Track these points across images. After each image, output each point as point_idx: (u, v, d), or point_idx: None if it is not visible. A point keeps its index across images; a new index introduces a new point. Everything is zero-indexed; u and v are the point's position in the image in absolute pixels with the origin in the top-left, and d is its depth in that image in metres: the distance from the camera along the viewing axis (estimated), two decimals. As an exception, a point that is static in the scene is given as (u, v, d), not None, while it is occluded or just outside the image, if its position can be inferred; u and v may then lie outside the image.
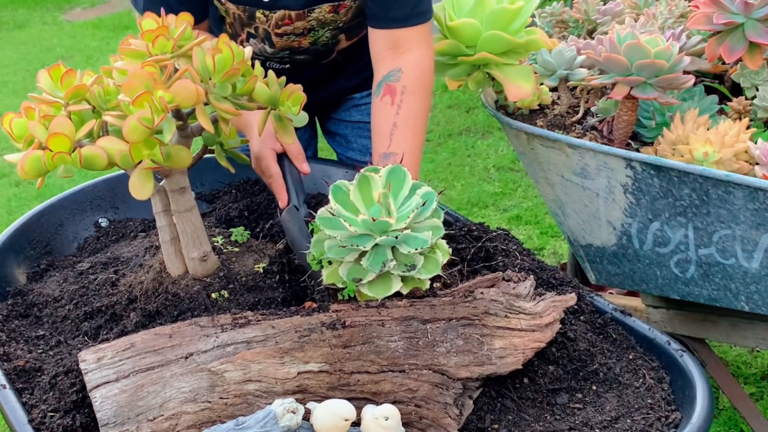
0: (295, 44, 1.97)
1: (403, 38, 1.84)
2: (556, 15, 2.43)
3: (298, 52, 2.01)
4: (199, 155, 1.56)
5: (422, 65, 1.85)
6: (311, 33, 1.95)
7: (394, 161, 1.70)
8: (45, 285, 1.71)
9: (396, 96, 1.81)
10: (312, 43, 1.98)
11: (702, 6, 1.90)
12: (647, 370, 1.49)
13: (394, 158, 1.74)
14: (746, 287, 1.77)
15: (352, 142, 2.28)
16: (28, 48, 7.54)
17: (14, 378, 1.41)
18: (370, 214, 1.40)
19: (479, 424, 1.35)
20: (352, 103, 2.26)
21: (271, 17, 1.89)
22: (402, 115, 1.80)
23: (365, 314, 1.37)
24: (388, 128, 1.80)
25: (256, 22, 1.93)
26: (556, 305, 1.45)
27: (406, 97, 1.81)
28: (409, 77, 1.82)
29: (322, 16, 1.93)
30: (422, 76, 1.84)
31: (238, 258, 1.58)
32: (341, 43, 2.04)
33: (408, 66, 1.83)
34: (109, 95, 1.41)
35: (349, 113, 2.27)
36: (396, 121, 1.80)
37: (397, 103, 1.81)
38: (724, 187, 1.68)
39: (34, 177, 1.31)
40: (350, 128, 2.28)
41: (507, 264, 1.62)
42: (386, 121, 1.81)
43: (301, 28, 1.94)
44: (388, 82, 1.83)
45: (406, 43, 1.85)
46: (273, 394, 1.27)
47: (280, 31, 1.93)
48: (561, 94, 2.06)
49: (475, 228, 1.70)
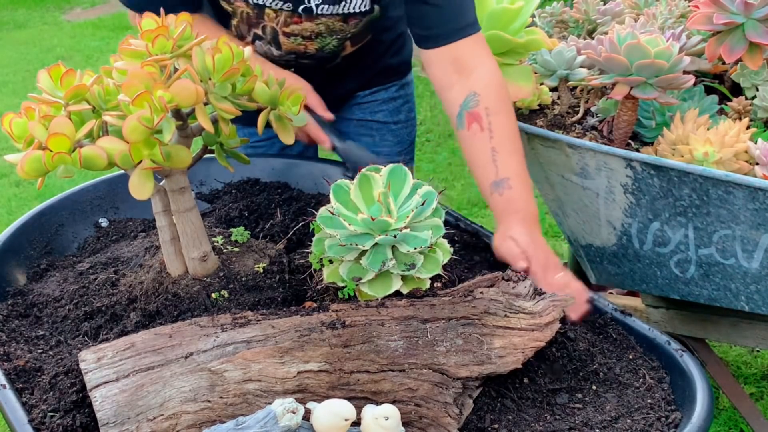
0: (301, 48, 1.96)
1: (463, 55, 1.77)
2: (556, 15, 2.44)
3: (303, 56, 2.00)
4: (199, 155, 1.56)
5: (494, 81, 1.76)
6: (319, 38, 1.94)
7: (508, 187, 1.66)
8: (45, 285, 1.71)
9: (483, 121, 1.72)
10: (318, 49, 1.98)
11: (702, 6, 1.90)
12: (647, 370, 1.49)
13: (507, 184, 1.67)
14: (746, 287, 1.77)
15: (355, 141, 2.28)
16: (28, 48, 7.54)
17: (14, 378, 1.41)
18: (370, 213, 1.40)
19: (479, 423, 1.35)
20: (354, 101, 2.26)
21: (280, 14, 1.88)
22: (497, 138, 1.71)
23: (365, 314, 1.37)
24: (488, 155, 1.70)
25: (265, 20, 1.91)
26: (555, 305, 1.45)
27: (494, 119, 1.72)
28: (488, 97, 1.73)
29: (332, 23, 1.92)
30: (499, 91, 1.75)
31: (238, 258, 1.58)
32: (346, 50, 2.04)
33: (481, 86, 1.74)
34: (109, 95, 1.41)
35: (352, 111, 2.27)
36: (494, 146, 1.70)
37: (487, 128, 1.71)
38: (724, 187, 1.69)
39: (34, 177, 1.31)
40: (353, 126, 2.28)
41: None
42: (484, 149, 1.71)
43: (309, 30, 1.92)
44: (469, 110, 1.73)
45: (468, 59, 1.76)
46: (273, 394, 1.27)
47: (289, 30, 1.92)
48: (561, 94, 2.07)
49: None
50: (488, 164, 1.70)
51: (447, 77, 1.78)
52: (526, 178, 1.71)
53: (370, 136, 2.29)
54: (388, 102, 2.29)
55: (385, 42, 2.18)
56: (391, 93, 2.29)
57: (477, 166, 1.73)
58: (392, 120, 2.30)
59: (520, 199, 1.68)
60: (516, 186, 1.68)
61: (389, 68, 2.25)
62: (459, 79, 1.76)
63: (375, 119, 2.29)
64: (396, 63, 2.26)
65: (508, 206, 1.68)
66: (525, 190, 1.69)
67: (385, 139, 2.30)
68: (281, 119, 1.54)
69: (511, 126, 1.74)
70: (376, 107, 2.28)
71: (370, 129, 2.29)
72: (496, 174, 1.69)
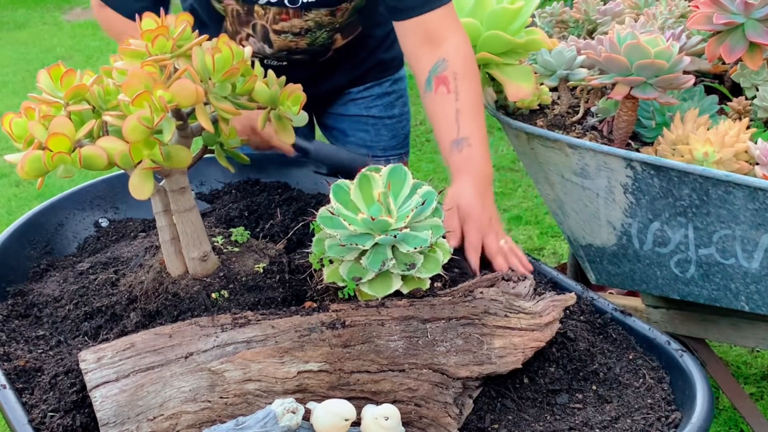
0: (292, 45, 1.99)
1: (433, 27, 1.81)
2: (556, 15, 2.44)
3: (295, 52, 2.02)
4: (199, 155, 1.56)
5: (463, 50, 1.81)
6: (309, 34, 1.96)
7: (468, 144, 1.70)
8: (45, 285, 1.71)
9: (450, 84, 1.77)
10: (309, 44, 1.99)
11: (702, 6, 1.90)
12: (647, 370, 1.49)
13: (467, 142, 1.72)
14: (746, 287, 1.77)
15: (350, 136, 2.30)
16: (28, 48, 7.54)
17: (14, 378, 1.41)
18: (370, 213, 1.40)
19: (479, 423, 1.35)
20: (349, 98, 2.28)
21: (269, 11, 1.90)
22: (462, 100, 1.77)
23: (365, 314, 1.37)
24: (452, 115, 1.76)
25: (255, 17, 1.93)
26: (555, 305, 1.45)
27: (461, 82, 1.77)
28: (456, 64, 1.79)
29: (320, 18, 1.94)
30: (467, 60, 1.81)
31: (238, 258, 1.58)
32: (337, 42, 2.06)
33: (450, 54, 1.79)
34: (109, 95, 1.41)
35: (347, 107, 2.29)
36: (458, 107, 1.76)
37: (454, 90, 1.77)
38: (724, 187, 1.68)
39: (34, 177, 1.31)
40: (347, 122, 2.30)
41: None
42: (448, 109, 1.77)
43: (299, 27, 1.94)
44: (437, 74, 1.79)
45: (438, 31, 1.81)
46: (273, 394, 1.27)
47: (278, 28, 1.94)
48: (561, 94, 2.06)
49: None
50: (451, 124, 1.75)
51: (418, 48, 1.82)
52: (485, 140, 1.76)
53: (366, 131, 2.32)
54: (382, 97, 2.31)
55: (376, 37, 2.20)
56: (384, 88, 2.31)
57: (440, 126, 1.78)
58: (387, 115, 2.32)
59: (477, 159, 1.73)
60: (475, 145, 1.73)
61: (382, 63, 2.28)
62: (429, 49, 1.81)
63: (370, 114, 2.31)
64: (389, 58, 2.28)
65: (464, 164, 1.73)
66: (483, 151, 1.74)
67: (380, 134, 2.33)
68: (281, 119, 1.54)
69: (477, 92, 1.80)
70: (370, 102, 2.31)
71: (365, 124, 2.31)
72: (458, 133, 1.74)
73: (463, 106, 1.76)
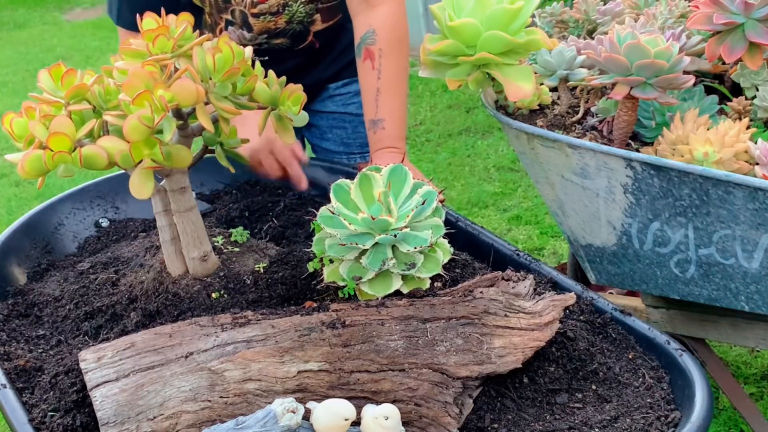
0: (271, 25, 2.03)
1: None
2: (556, 15, 2.43)
3: (275, 34, 2.06)
4: (199, 155, 1.56)
5: (391, 21, 1.95)
6: (286, 9, 2.01)
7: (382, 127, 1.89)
8: (45, 285, 1.71)
9: (375, 60, 1.93)
10: (288, 21, 2.04)
11: (702, 6, 1.90)
12: (647, 369, 1.49)
13: (381, 124, 1.89)
14: (746, 287, 1.77)
15: (327, 133, 2.32)
16: (28, 48, 7.55)
17: (14, 377, 1.41)
18: (370, 213, 1.40)
19: (479, 423, 1.35)
20: (327, 94, 2.30)
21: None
22: (383, 79, 1.93)
23: (365, 313, 1.37)
24: (373, 94, 1.94)
25: (233, 3, 2.00)
26: (555, 304, 1.45)
27: (384, 61, 1.93)
28: (382, 38, 1.93)
29: None
30: (393, 32, 1.95)
31: (238, 258, 1.58)
32: (316, 24, 2.09)
33: (379, 24, 1.93)
34: (109, 95, 1.42)
35: (325, 104, 2.31)
36: (378, 86, 1.92)
37: (377, 68, 1.93)
38: (724, 187, 1.69)
39: (35, 177, 1.32)
40: (325, 119, 2.32)
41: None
42: (371, 86, 1.94)
43: (276, 5, 1.99)
44: (366, 45, 1.94)
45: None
46: (273, 393, 1.27)
47: (256, 11, 1.99)
48: (561, 94, 2.06)
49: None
50: (371, 102, 1.95)
51: (356, 4, 1.99)
52: (400, 119, 1.95)
53: (343, 128, 2.34)
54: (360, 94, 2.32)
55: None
56: None
57: (363, 101, 1.99)
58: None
59: (389, 139, 1.93)
60: (388, 128, 1.93)
61: None
62: (365, 8, 1.98)
63: (347, 111, 2.34)
64: None
65: (377, 143, 1.93)
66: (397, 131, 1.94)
67: (357, 131, 2.35)
68: (281, 119, 1.54)
69: (399, 70, 1.97)
70: (348, 99, 2.33)
71: (343, 121, 2.34)
72: (375, 113, 1.94)
73: (383, 86, 1.93)
